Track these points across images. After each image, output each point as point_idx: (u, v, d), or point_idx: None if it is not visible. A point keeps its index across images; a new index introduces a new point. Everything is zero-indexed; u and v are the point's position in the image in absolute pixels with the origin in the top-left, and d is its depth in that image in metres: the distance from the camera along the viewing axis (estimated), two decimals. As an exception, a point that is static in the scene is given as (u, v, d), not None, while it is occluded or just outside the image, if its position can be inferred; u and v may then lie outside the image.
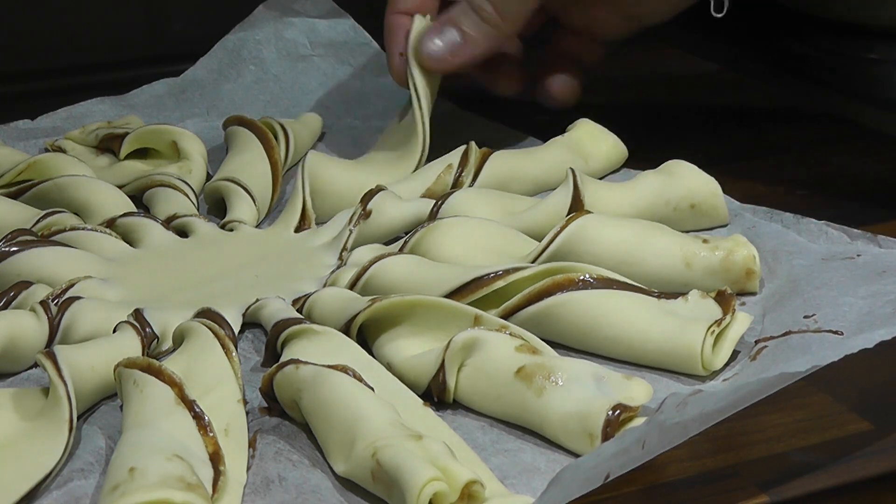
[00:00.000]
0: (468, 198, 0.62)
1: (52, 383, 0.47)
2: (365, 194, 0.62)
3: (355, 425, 0.45)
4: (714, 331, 0.50)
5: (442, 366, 0.49)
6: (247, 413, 0.48)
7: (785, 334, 0.51)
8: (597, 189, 0.62)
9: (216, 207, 0.67)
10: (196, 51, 0.83)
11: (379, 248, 0.59)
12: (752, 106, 0.82)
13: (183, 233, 0.63)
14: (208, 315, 0.53)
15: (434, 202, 0.62)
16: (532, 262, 0.56)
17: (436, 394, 0.50)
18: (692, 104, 0.83)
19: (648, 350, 0.51)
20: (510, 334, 0.50)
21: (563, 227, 0.57)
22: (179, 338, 0.52)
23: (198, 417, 0.46)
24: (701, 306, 0.52)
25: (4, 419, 0.48)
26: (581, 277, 0.53)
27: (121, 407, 0.48)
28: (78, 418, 0.48)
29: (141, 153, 0.72)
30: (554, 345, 0.52)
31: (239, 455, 0.46)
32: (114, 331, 0.53)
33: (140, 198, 0.67)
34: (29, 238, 0.59)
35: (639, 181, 0.63)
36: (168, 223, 0.63)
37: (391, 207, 0.62)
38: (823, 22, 0.86)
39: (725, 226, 0.62)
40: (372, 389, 0.47)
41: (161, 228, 0.62)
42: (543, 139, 0.70)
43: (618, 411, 0.45)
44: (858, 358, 0.46)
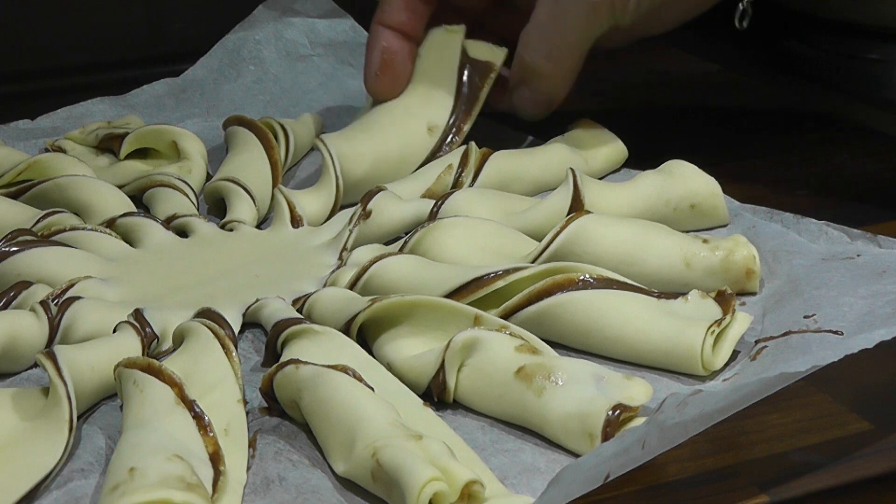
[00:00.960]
0: (468, 198, 0.62)
1: (52, 383, 0.47)
2: (365, 194, 0.62)
3: (355, 425, 0.45)
4: (714, 331, 0.50)
5: (442, 366, 0.49)
6: (247, 413, 0.48)
7: (785, 334, 0.51)
8: (597, 189, 0.62)
9: (216, 207, 0.67)
10: (196, 51, 0.84)
11: (379, 248, 0.59)
12: (753, 106, 0.82)
13: (183, 233, 0.63)
14: (208, 315, 0.52)
15: (434, 202, 0.62)
16: (532, 262, 0.56)
17: (436, 394, 0.50)
18: (692, 104, 0.83)
19: (648, 350, 0.51)
20: (510, 334, 0.50)
21: (563, 227, 0.57)
22: (179, 338, 0.52)
23: (198, 417, 0.46)
24: (701, 306, 0.52)
25: (4, 419, 0.48)
26: (581, 277, 0.53)
27: (121, 407, 0.48)
28: (78, 418, 0.48)
29: (141, 153, 0.72)
30: (554, 345, 0.52)
31: (239, 455, 0.46)
32: (114, 331, 0.53)
33: (140, 198, 0.67)
34: (29, 238, 0.59)
35: (639, 181, 0.63)
36: (168, 223, 0.63)
37: (391, 207, 0.62)
38: (823, 22, 0.86)
39: (725, 226, 0.62)
40: (372, 389, 0.47)
41: (161, 228, 0.62)
42: (543, 139, 0.70)
43: (618, 411, 0.45)
44: (858, 358, 0.46)
